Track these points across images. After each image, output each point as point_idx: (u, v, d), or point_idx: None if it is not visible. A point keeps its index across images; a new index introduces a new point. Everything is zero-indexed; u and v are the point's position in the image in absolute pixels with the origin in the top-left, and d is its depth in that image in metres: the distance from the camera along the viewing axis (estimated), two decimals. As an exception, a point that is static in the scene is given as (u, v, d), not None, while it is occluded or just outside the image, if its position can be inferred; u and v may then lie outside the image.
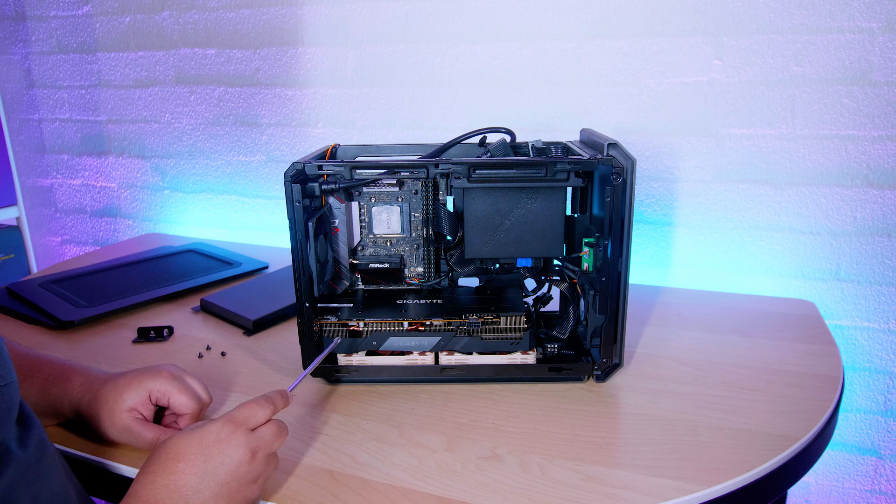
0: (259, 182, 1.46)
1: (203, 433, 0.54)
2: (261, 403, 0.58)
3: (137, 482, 0.51)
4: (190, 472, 0.52)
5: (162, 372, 0.67)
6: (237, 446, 0.54)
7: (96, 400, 0.65)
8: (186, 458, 0.52)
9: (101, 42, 1.52)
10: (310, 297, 0.75)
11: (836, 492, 1.14)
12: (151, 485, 0.51)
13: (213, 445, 0.53)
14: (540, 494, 0.58)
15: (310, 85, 1.34)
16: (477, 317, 0.75)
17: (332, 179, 0.77)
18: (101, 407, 0.64)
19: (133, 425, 0.63)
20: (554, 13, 1.13)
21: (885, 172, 1.01)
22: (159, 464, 0.52)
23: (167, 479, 0.51)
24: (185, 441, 0.53)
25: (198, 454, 0.52)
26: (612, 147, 0.70)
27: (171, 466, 0.52)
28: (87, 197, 1.69)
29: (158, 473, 0.51)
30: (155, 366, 0.68)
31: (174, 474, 0.51)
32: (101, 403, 0.64)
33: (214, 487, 0.52)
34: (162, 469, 0.52)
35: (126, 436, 0.64)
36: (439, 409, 0.73)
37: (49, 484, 0.52)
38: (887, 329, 1.06)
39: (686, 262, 1.16)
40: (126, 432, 0.64)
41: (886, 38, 0.96)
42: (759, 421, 0.69)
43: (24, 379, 0.67)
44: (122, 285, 1.11)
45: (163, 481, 0.51)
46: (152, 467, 0.52)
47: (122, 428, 0.64)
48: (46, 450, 0.54)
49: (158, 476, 0.51)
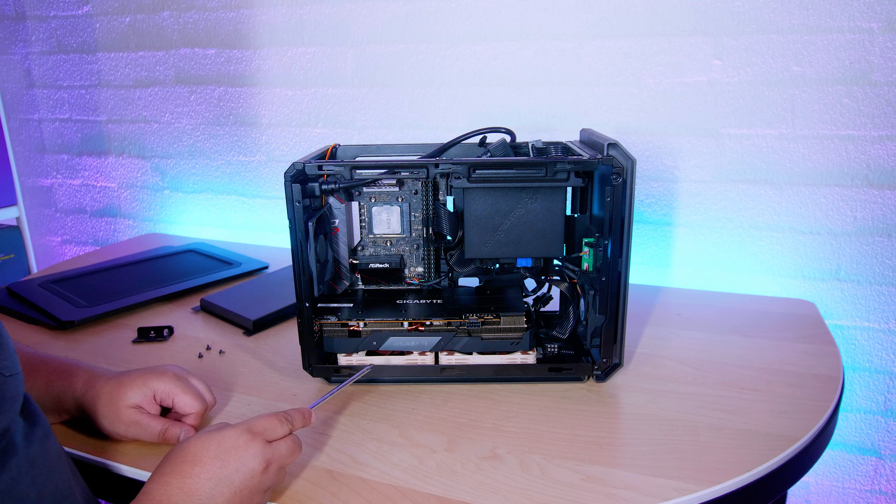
0: (259, 182, 1.46)
1: (221, 437, 0.54)
2: (281, 420, 0.58)
3: (152, 482, 0.52)
4: (205, 476, 0.52)
5: (167, 372, 0.67)
6: (253, 455, 0.54)
7: (100, 396, 0.65)
8: (202, 462, 0.52)
9: (101, 42, 1.52)
10: (310, 297, 0.75)
11: (836, 492, 1.14)
12: (166, 486, 0.51)
13: (229, 451, 0.54)
14: (540, 494, 0.58)
15: (310, 85, 1.34)
16: (477, 317, 0.75)
17: (332, 179, 0.77)
18: (105, 403, 0.65)
19: (141, 418, 0.65)
20: (554, 13, 1.13)
21: (885, 172, 1.01)
22: (175, 465, 0.52)
23: (182, 481, 0.51)
24: (201, 444, 0.54)
25: (214, 459, 0.53)
26: (612, 147, 0.70)
27: (187, 469, 0.52)
28: (87, 197, 1.69)
29: (174, 475, 0.52)
30: (159, 366, 0.69)
31: (190, 477, 0.51)
32: (105, 400, 0.65)
33: (228, 494, 0.52)
34: (178, 471, 0.52)
35: (134, 429, 0.65)
36: (439, 409, 0.73)
37: (54, 480, 0.52)
38: (887, 329, 1.06)
39: (686, 262, 1.16)
40: (134, 425, 0.65)
41: (886, 38, 0.96)
42: (759, 421, 0.69)
43: (28, 375, 0.67)
44: (122, 285, 1.11)
45: (178, 483, 0.51)
46: (167, 468, 0.52)
47: (129, 422, 0.64)
48: (52, 447, 0.54)
49: (174, 478, 0.51)
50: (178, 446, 0.54)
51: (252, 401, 0.76)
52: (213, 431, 0.55)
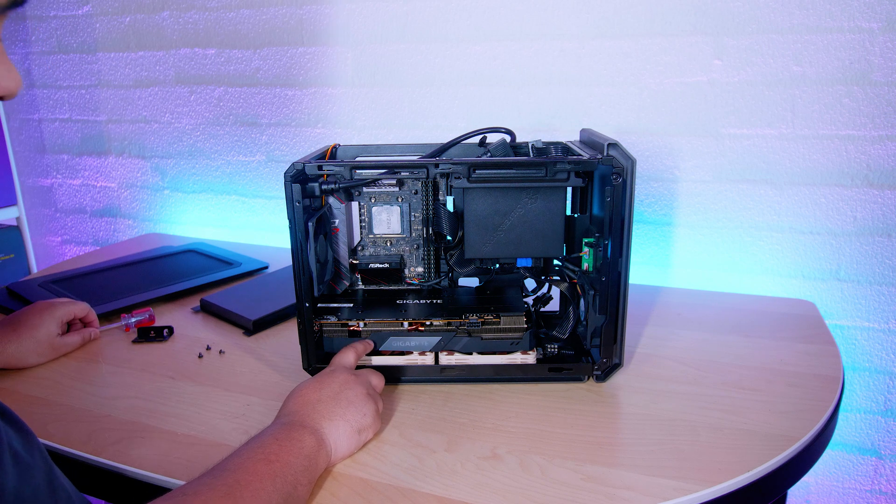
0: (259, 182, 1.46)
1: (310, 380, 0.68)
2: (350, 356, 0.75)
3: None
4: (310, 392, 0.66)
5: (45, 306, 0.87)
6: (339, 374, 0.69)
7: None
8: (304, 389, 0.67)
9: (101, 42, 1.52)
10: (310, 297, 0.75)
11: (836, 492, 1.14)
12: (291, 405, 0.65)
13: (321, 377, 0.68)
14: (540, 494, 0.58)
15: (310, 85, 1.34)
16: (477, 317, 0.75)
17: (332, 179, 0.77)
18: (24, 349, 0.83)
19: (62, 340, 0.87)
20: (554, 13, 1.13)
21: (885, 172, 1.01)
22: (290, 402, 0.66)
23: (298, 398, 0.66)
24: (299, 387, 0.68)
25: (314, 383, 0.67)
26: (612, 147, 0.70)
27: (296, 392, 0.67)
28: (87, 197, 1.69)
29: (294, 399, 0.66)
30: (27, 308, 0.86)
31: (301, 396, 0.66)
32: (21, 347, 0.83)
33: (331, 394, 0.65)
34: (290, 396, 0.66)
35: (61, 349, 0.87)
36: (439, 409, 0.73)
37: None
38: (887, 329, 1.06)
39: (686, 262, 1.16)
40: (64, 346, 0.87)
41: (886, 38, 0.96)
42: (759, 421, 0.69)
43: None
44: (122, 285, 1.11)
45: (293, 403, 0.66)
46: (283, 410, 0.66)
47: (57, 347, 0.86)
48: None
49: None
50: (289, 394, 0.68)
51: (252, 401, 0.76)
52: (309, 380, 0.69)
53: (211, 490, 0.50)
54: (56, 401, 0.76)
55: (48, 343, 0.85)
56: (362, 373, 0.72)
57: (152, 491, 0.62)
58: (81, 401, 0.76)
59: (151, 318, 0.98)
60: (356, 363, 0.74)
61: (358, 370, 0.73)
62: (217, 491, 0.50)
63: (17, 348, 0.82)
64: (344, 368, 0.71)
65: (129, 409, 0.74)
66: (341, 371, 0.69)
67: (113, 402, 0.76)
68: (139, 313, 0.97)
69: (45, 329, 0.85)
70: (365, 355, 0.77)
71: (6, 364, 0.82)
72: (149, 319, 0.97)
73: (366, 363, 0.77)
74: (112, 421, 0.72)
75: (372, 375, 0.73)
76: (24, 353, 0.83)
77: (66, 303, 0.90)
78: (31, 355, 0.84)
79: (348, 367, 0.72)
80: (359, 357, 0.75)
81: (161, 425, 0.71)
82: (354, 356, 0.74)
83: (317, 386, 0.66)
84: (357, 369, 0.73)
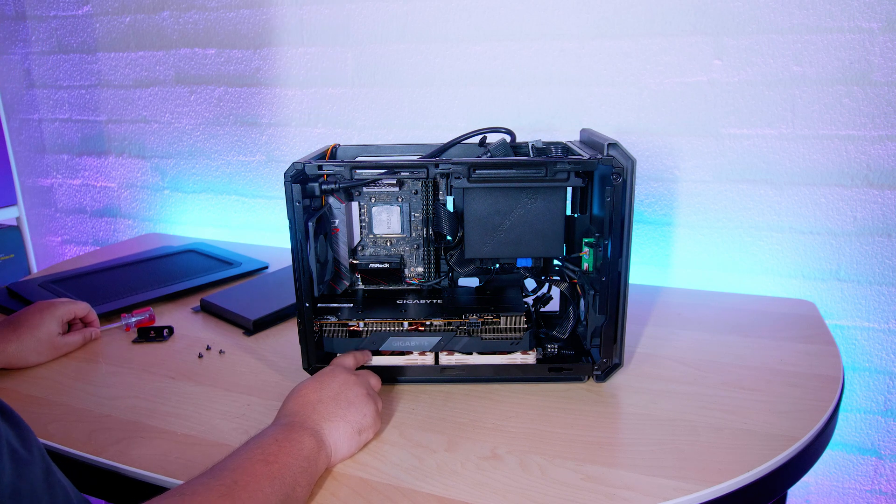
0: (259, 182, 1.46)
1: (310, 380, 0.68)
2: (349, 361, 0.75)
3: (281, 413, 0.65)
4: (310, 393, 0.66)
5: (45, 305, 0.87)
6: (339, 374, 0.69)
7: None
8: (304, 389, 0.66)
9: (101, 42, 1.52)
10: (310, 297, 0.75)
11: (836, 492, 1.14)
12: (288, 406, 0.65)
13: (321, 377, 0.68)
14: (540, 494, 0.58)
15: (310, 85, 1.34)
16: (477, 317, 0.75)
17: (332, 179, 0.77)
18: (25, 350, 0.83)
19: (63, 340, 0.87)
20: (554, 13, 1.13)
21: (885, 172, 1.01)
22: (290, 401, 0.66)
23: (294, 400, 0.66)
24: (299, 387, 0.67)
25: (314, 383, 0.67)
26: (612, 147, 0.70)
27: (296, 393, 0.67)
28: (87, 197, 1.69)
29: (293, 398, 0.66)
30: (28, 308, 0.87)
31: (301, 396, 0.65)
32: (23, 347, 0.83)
33: (331, 394, 0.65)
34: (290, 397, 0.66)
35: (62, 349, 0.87)
36: (439, 409, 0.73)
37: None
38: (887, 329, 1.06)
39: (686, 262, 1.16)
40: (65, 346, 0.87)
41: (886, 38, 0.96)
42: (759, 421, 0.69)
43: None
44: (122, 285, 1.11)
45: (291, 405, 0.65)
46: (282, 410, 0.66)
47: (58, 346, 0.86)
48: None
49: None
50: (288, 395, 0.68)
51: (252, 401, 0.76)
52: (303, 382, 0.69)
53: (209, 490, 0.50)
54: (56, 401, 0.76)
55: (49, 343, 0.85)
56: (362, 373, 0.72)
57: (152, 491, 0.62)
58: (81, 401, 0.76)
59: (151, 318, 0.98)
60: (355, 367, 0.74)
61: (357, 370, 0.73)
62: (215, 491, 0.50)
63: (18, 348, 0.82)
64: (343, 369, 0.71)
65: (129, 409, 0.74)
66: (341, 371, 0.69)
67: (113, 402, 0.76)
68: (139, 313, 0.97)
69: (45, 329, 0.85)
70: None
71: (7, 364, 0.82)
72: (149, 319, 0.98)
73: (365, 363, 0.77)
74: (112, 421, 0.72)
75: (370, 376, 0.73)
76: (25, 352, 0.83)
77: (66, 302, 0.90)
78: (32, 355, 0.84)
79: (348, 368, 0.72)
80: (358, 364, 0.75)
81: (161, 425, 0.71)
82: (354, 361, 0.74)
83: (317, 386, 0.66)
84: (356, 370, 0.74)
